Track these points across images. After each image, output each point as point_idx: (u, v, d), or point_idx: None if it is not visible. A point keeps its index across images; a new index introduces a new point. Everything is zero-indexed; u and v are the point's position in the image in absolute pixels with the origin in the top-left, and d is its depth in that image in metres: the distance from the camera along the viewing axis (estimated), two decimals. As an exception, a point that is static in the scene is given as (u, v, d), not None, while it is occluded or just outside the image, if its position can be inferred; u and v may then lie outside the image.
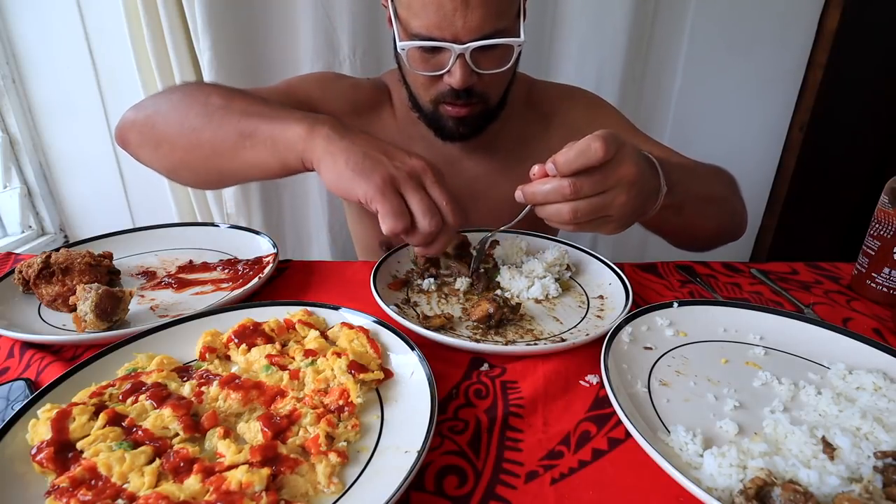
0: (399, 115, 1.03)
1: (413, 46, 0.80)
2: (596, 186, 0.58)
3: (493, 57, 0.81)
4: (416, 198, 0.61)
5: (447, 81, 0.82)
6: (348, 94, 1.00)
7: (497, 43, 0.78)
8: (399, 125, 1.03)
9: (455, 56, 0.78)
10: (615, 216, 0.61)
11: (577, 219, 0.59)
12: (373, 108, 1.03)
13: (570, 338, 0.63)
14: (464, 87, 0.82)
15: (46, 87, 1.61)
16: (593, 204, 0.59)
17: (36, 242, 1.73)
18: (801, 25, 1.67)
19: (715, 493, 0.41)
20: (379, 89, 1.05)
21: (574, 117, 1.02)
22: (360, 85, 1.04)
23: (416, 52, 0.82)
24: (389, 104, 1.04)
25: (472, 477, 0.46)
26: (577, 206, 0.58)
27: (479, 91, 0.85)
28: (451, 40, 0.76)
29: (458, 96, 0.84)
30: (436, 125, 0.93)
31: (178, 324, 0.62)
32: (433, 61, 0.82)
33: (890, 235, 0.74)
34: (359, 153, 0.62)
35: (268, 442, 0.46)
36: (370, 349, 0.58)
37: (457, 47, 0.76)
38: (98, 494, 0.40)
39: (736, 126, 1.79)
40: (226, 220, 1.61)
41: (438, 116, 0.90)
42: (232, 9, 1.39)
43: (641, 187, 0.61)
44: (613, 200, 0.59)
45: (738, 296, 0.78)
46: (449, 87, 0.83)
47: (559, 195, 0.58)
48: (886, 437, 0.46)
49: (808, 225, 2.07)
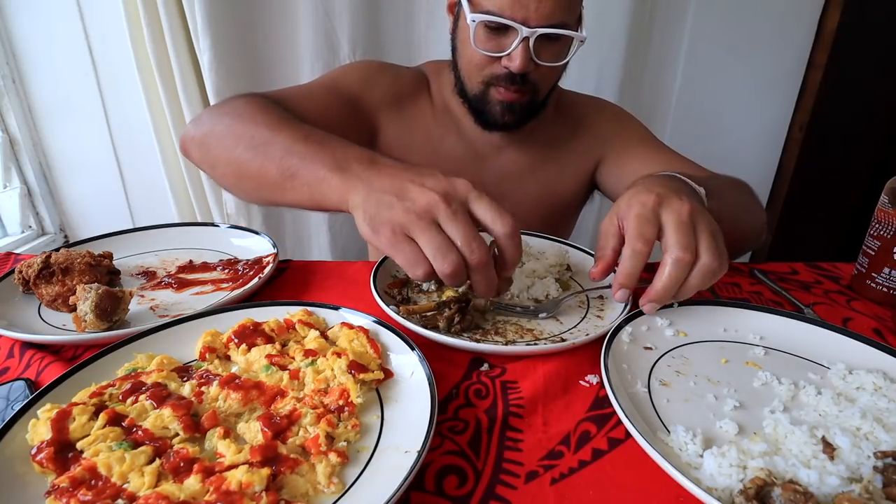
0: (436, 104, 1.05)
1: (484, 20, 0.82)
2: (689, 235, 0.57)
3: (553, 49, 0.84)
4: (424, 240, 0.53)
5: (505, 64, 0.85)
6: (389, 86, 1.02)
7: (563, 34, 0.81)
8: (436, 115, 1.05)
9: (520, 39, 0.80)
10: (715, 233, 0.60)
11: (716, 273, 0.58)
12: (411, 97, 1.05)
13: (570, 338, 0.63)
14: (521, 72, 0.84)
15: (46, 87, 1.61)
16: (711, 249, 0.57)
17: (36, 242, 1.73)
18: (800, 26, 1.67)
19: (715, 493, 0.41)
20: (418, 79, 1.07)
21: (601, 127, 1.05)
22: (401, 75, 1.06)
23: (483, 29, 0.84)
24: (427, 93, 1.06)
25: (472, 477, 0.46)
26: (706, 264, 0.57)
27: (532, 80, 0.87)
28: (521, 22, 0.79)
29: (512, 81, 0.86)
30: (480, 110, 0.94)
31: (178, 324, 0.62)
32: (497, 42, 0.84)
33: (890, 235, 0.74)
34: (373, 202, 0.56)
35: (268, 442, 0.45)
36: (370, 349, 0.58)
37: (525, 30, 0.79)
38: (98, 494, 0.40)
39: (736, 126, 1.79)
40: (226, 220, 1.61)
41: (486, 100, 0.92)
42: (232, 9, 1.39)
43: (697, 208, 0.60)
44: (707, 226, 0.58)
45: (738, 296, 0.78)
46: (505, 71, 0.85)
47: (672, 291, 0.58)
48: (886, 437, 0.46)
49: (808, 225, 2.07)
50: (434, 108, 1.05)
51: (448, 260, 0.53)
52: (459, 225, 0.54)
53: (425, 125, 1.04)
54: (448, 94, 1.02)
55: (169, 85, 1.47)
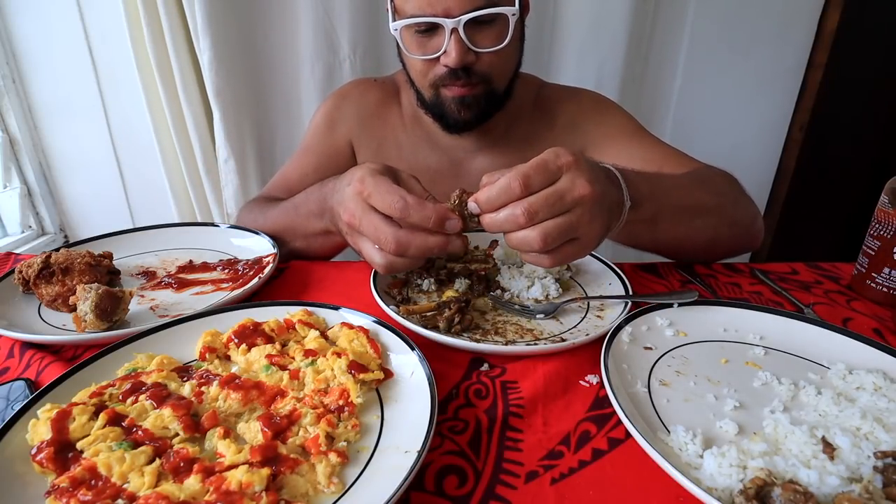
0: (407, 116, 1.04)
1: (405, 25, 0.81)
2: (552, 208, 0.56)
3: (489, 33, 0.81)
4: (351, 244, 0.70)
5: (443, 62, 0.82)
6: (354, 114, 1.05)
7: (488, 14, 0.78)
8: (406, 127, 1.04)
9: (449, 32, 0.78)
10: (583, 237, 0.60)
11: (548, 244, 0.57)
12: (379, 115, 1.05)
13: (569, 338, 0.63)
14: (460, 65, 0.81)
15: (46, 87, 1.61)
16: (560, 227, 0.57)
17: (36, 242, 1.73)
18: (801, 25, 1.67)
19: (715, 493, 0.41)
20: (387, 93, 1.06)
21: (579, 117, 1.02)
22: (367, 94, 1.06)
23: (412, 35, 0.83)
24: (398, 106, 1.06)
25: (472, 477, 0.46)
26: (545, 231, 0.56)
27: (479, 71, 0.84)
28: (442, 16, 0.77)
29: (456, 76, 0.84)
30: (439, 113, 0.92)
31: (178, 324, 0.62)
32: (429, 43, 0.83)
33: (890, 235, 0.74)
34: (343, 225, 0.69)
35: (268, 442, 0.46)
36: (370, 349, 0.58)
37: (448, 21, 0.77)
38: (98, 494, 0.40)
39: (736, 126, 1.79)
40: (226, 220, 1.61)
41: (440, 102, 0.90)
42: (232, 9, 1.39)
43: (603, 203, 0.59)
44: (579, 220, 0.57)
45: (738, 296, 0.78)
46: (446, 70, 0.83)
47: (514, 224, 0.57)
48: (886, 437, 0.46)
49: (808, 225, 2.07)
50: (404, 120, 1.05)
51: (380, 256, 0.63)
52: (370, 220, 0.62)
53: (396, 140, 1.04)
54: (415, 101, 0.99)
55: (169, 85, 1.47)
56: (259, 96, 1.54)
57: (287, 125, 1.59)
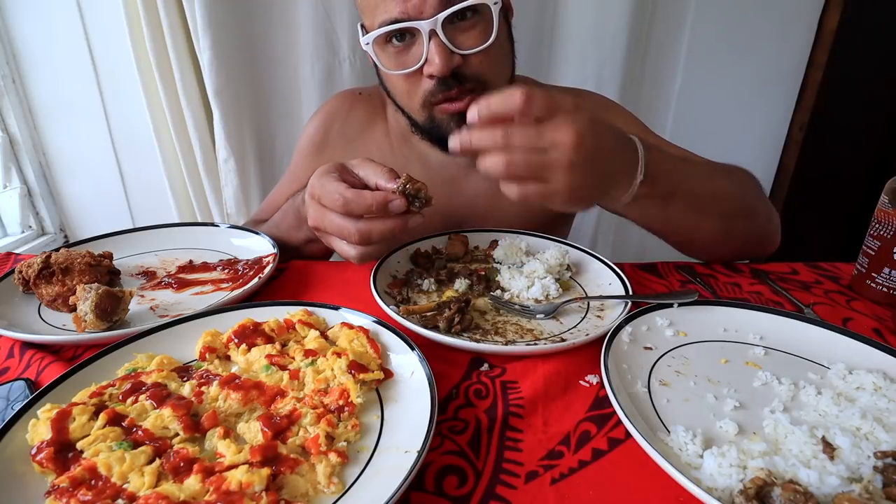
0: (393, 132, 1.00)
1: (376, 36, 0.75)
2: (528, 139, 0.55)
3: (472, 31, 0.75)
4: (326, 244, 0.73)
5: (427, 72, 0.75)
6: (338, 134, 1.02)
7: (467, 6, 0.71)
8: (393, 146, 0.99)
9: (427, 36, 0.72)
10: (553, 181, 0.58)
11: (511, 171, 0.56)
12: (365, 131, 1.01)
13: (570, 338, 0.63)
14: (447, 72, 0.74)
15: (46, 87, 1.61)
16: (528, 161, 0.56)
17: (36, 242, 1.73)
18: (801, 25, 1.67)
19: (715, 493, 0.41)
20: (373, 108, 1.01)
21: None
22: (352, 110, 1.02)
23: (387, 49, 0.77)
24: (383, 121, 1.01)
25: (472, 477, 0.46)
26: (512, 158, 0.56)
27: (470, 74, 0.77)
28: (415, 19, 0.71)
29: (447, 86, 0.76)
30: (437, 136, 0.84)
31: (178, 324, 0.62)
32: (407, 54, 0.76)
33: (890, 235, 0.74)
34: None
35: (268, 442, 0.46)
36: (370, 349, 0.58)
37: (424, 24, 0.71)
38: (98, 494, 0.40)
39: (736, 126, 1.79)
40: (226, 220, 1.61)
41: (437, 124, 0.82)
42: (232, 9, 1.39)
43: (591, 158, 0.57)
44: (552, 163, 0.56)
45: (738, 296, 0.78)
46: (433, 82, 0.76)
47: (490, 141, 0.56)
48: (886, 437, 0.46)
49: (808, 225, 2.07)
50: (391, 139, 0.99)
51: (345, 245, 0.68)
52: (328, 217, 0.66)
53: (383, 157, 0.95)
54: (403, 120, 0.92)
55: (169, 85, 1.47)
56: (259, 96, 1.54)
57: (287, 125, 1.59)
